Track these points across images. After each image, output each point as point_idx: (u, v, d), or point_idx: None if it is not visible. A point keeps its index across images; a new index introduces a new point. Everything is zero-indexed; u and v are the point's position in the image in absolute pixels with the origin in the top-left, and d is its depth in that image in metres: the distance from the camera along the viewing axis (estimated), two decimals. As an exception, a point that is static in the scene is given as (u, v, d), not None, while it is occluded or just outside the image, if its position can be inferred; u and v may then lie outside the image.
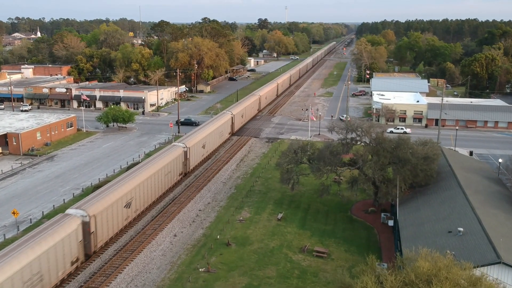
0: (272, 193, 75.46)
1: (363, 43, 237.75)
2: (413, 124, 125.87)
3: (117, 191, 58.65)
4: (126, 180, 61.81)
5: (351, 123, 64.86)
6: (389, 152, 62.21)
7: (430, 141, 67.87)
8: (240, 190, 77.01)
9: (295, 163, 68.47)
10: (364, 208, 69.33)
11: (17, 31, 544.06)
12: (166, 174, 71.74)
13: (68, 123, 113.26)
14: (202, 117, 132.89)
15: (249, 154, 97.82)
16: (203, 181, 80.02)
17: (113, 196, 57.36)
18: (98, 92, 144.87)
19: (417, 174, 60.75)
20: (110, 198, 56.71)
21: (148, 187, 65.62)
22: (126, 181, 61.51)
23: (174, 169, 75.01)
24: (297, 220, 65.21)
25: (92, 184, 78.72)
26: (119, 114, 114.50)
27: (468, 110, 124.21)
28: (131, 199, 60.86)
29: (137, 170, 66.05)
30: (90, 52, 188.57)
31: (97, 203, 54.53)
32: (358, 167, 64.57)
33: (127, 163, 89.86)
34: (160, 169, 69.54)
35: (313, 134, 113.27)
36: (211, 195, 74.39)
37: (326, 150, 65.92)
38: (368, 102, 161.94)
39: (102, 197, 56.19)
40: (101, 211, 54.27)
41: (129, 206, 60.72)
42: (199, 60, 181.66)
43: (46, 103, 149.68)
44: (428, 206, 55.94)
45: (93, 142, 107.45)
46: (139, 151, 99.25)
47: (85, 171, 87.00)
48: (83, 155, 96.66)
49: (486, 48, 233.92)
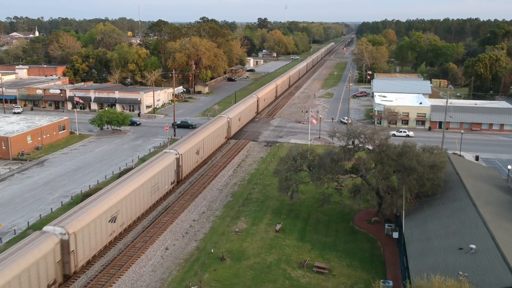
0: (270, 201, 71.95)
1: (364, 43, 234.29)
2: (416, 127, 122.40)
3: (100, 204, 54.36)
4: (111, 192, 57.48)
5: (354, 129, 61.34)
6: (393, 160, 58.72)
7: (436, 147, 64.40)
8: (237, 198, 73.51)
9: (294, 171, 64.99)
10: (367, 217, 65.84)
11: (15, 31, 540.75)
12: (154, 185, 66.92)
13: (60, 126, 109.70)
14: (199, 119, 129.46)
15: (247, 159, 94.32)
16: (198, 188, 76.52)
17: (96, 211, 53.11)
18: (93, 93, 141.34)
19: (424, 184, 57.29)
20: (92, 213, 52.43)
21: (135, 199, 61.28)
22: (111, 194, 57.18)
23: (164, 179, 70.63)
24: (297, 231, 61.71)
25: (82, 191, 75.25)
26: (113, 117, 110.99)
27: (472, 112, 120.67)
28: (116, 212, 56.55)
29: (123, 181, 61.61)
30: (85, 52, 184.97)
31: (77, 218, 50.17)
32: (361, 175, 61.11)
33: (120, 169, 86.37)
34: (149, 179, 65.01)
35: (313, 137, 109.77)
36: (206, 204, 70.90)
37: (327, 157, 62.44)
38: (369, 104, 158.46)
39: (84, 211, 51.88)
40: (82, 228, 49.91)
41: (115, 221, 56.34)
42: (197, 61, 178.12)
43: (40, 105, 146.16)
44: (436, 218, 52.46)
45: (86, 145, 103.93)
46: (133, 155, 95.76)
47: (76, 177, 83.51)
48: (74, 160, 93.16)
49: (488, 48, 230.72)
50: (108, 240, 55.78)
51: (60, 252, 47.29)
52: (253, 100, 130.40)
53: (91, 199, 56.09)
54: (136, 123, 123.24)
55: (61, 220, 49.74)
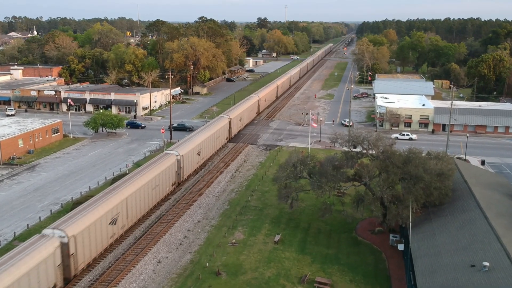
0: (269, 209, 68.82)
1: (364, 43, 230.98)
2: (419, 129, 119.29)
3: (101, 206, 53.27)
4: (112, 194, 56.22)
5: (357, 135, 58.18)
6: (398, 167, 55.61)
7: (443, 154, 61.31)
8: (234, 206, 70.38)
9: (294, 178, 61.85)
10: (371, 227, 62.77)
11: (14, 30, 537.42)
12: (155, 186, 66.07)
13: (53, 128, 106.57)
14: (196, 122, 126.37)
15: (245, 164, 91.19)
16: (194, 195, 73.39)
17: (97, 213, 52.08)
18: (88, 95, 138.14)
19: (431, 193, 54.17)
20: (93, 215, 51.46)
21: (136, 200, 60.27)
22: (112, 195, 55.94)
23: (165, 180, 69.60)
24: (296, 242, 58.60)
25: (73, 198, 72.13)
26: (107, 119, 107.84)
27: (477, 114, 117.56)
28: (117, 214, 55.54)
29: (124, 182, 60.19)
30: (82, 52, 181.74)
31: (77, 221, 49.33)
32: (364, 183, 58.00)
33: (113, 174, 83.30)
34: (150, 180, 64.14)
35: (314, 140, 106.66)
36: (202, 212, 67.77)
37: (328, 163, 59.35)
38: (370, 105, 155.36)
39: (84, 214, 50.82)
40: (82, 231, 49.18)
41: (115, 223, 55.27)
42: (195, 61, 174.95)
43: (34, 106, 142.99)
44: (445, 231, 49.35)
45: (79, 149, 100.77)
46: (127, 159, 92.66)
47: (67, 183, 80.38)
48: (67, 165, 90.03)
49: (491, 48, 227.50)
50: (109, 242, 54.82)
51: (60, 256, 46.42)
52: (254, 100, 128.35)
53: (91, 201, 54.59)
54: (141, 126, 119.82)
55: (60, 223, 48.50)
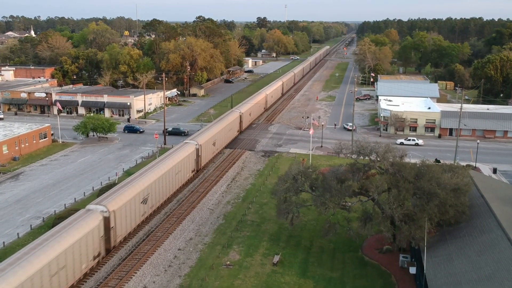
0: (267, 224, 63.53)
1: (366, 43, 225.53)
2: (425, 134, 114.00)
3: (134, 187, 59.44)
4: (142, 177, 62.48)
5: (364, 146, 52.85)
6: (410, 182, 50.31)
7: (457, 166, 56.07)
8: (230, 220, 65.08)
9: (295, 192, 56.52)
10: (378, 245, 57.54)
11: (11, 30, 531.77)
12: (177, 172, 72.19)
13: (41, 133, 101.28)
14: (193, 125, 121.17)
15: (242, 172, 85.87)
16: (186, 207, 68.11)
17: (132, 192, 58.29)
18: (80, 97, 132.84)
19: (446, 211, 48.87)
20: (128, 194, 57.61)
21: (162, 183, 66.59)
22: (142, 178, 62.21)
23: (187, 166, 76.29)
24: (297, 264, 53.32)
25: (56, 212, 66.86)
26: (98, 124, 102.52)
27: (486, 118, 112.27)
28: (147, 195, 61.89)
29: (151, 167, 66.63)
30: (75, 53, 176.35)
31: (116, 198, 55.55)
32: (372, 198, 52.70)
33: (101, 184, 78.06)
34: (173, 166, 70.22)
35: (315, 146, 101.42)
36: (194, 228, 62.46)
37: (332, 177, 54.04)
38: (373, 108, 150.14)
39: (121, 192, 57.00)
40: (120, 207, 55.23)
41: (146, 202, 61.75)
42: (192, 62, 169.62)
43: (24, 109, 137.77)
44: (463, 255, 44.08)
45: (68, 155, 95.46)
46: (118, 167, 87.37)
47: (52, 193, 75.14)
48: (53, 173, 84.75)
49: (495, 48, 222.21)
50: (141, 219, 61.01)
51: (103, 228, 52.20)
52: (262, 96, 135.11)
53: (126, 181, 61.29)
54: (140, 130, 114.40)
55: (102, 199, 55.04)
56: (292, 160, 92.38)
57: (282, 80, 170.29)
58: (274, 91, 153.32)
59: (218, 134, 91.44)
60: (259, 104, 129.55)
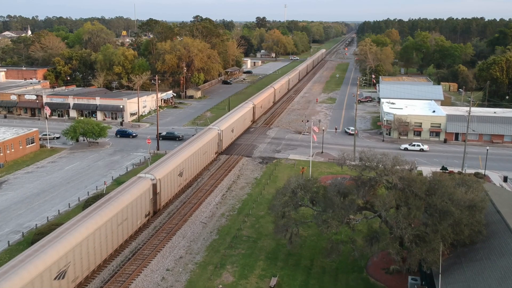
0: (264, 240, 58.81)
1: (367, 44, 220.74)
2: (429, 139, 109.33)
3: (174, 160, 70.24)
4: (179, 153, 73.62)
5: (369, 158, 48.08)
6: (421, 198, 45.62)
7: (471, 178, 51.39)
8: (224, 235, 60.36)
9: (294, 207, 51.84)
10: (385, 264, 52.85)
11: (9, 30, 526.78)
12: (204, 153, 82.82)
13: (28, 138, 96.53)
14: (188, 129, 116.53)
15: (239, 180, 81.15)
16: (177, 221, 63.39)
17: (172, 165, 68.61)
18: (72, 99, 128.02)
19: (461, 231, 44.21)
20: (170, 166, 67.93)
21: (193, 161, 76.60)
22: (179, 154, 73.19)
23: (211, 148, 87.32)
24: (297, 287, 48.61)
25: (37, 226, 62.16)
26: (88, 128, 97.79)
27: (493, 122, 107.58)
28: (183, 169, 71.93)
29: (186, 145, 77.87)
30: (69, 53, 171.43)
31: (161, 169, 65.67)
32: (379, 215, 47.97)
33: (88, 194, 73.34)
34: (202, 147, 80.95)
35: (316, 152, 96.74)
36: (185, 244, 57.74)
37: (334, 191, 49.30)
38: (375, 110, 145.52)
39: (164, 165, 67.38)
40: (164, 176, 65.21)
41: (182, 175, 71.73)
42: (188, 63, 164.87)
43: (14, 112, 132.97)
44: (482, 283, 39.40)
45: (55, 162, 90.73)
46: (107, 175, 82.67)
47: (35, 204, 70.46)
48: (38, 181, 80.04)
49: (499, 49, 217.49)
50: (177, 190, 71.26)
51: (152, 192, 62.09)
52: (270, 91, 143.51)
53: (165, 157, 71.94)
54: (132, 134, 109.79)
55: (150, 169, 65.25)
56: (291, 167, 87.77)
57: (288, 78, 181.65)
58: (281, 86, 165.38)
59: (236, 122, 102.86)
60: (268, 99, 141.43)
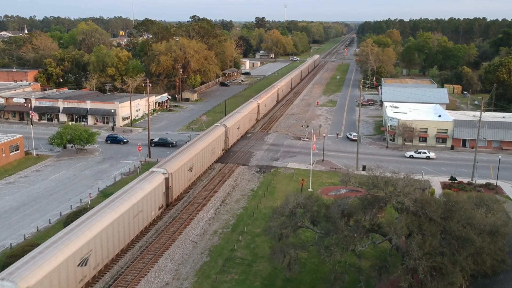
0: (259, 263, 53.42)
1: (369, 44, 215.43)
2: (436, 145, 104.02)
3: (185, 156, 72.31)
4: (190, 148, 76.04)
5: (377, 179, 42.65)
6: (436, 223, 40.28)
7: (491, 197, 46.05)
8: (215, 257, 54.95)
9: (293, 229, 46.49)
10: (393, 292, 47.46)
11: (5, 30, 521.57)
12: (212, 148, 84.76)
13: (11, 146, 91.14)
14: (182, 134, 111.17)
15: (234, 192, 75.75)
16: (165, 240, 58.02)
17: (183, 160, 70.97)
18: (62, 103, 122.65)
19: (483, 261, 38.87)
20: (181, 161, 70.33)
21: (202, 157, 78.82)
22: (190, 149, 75.47)
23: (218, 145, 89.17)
24: (295, 321, 43.30)
25: (12, 245, 56.80)
26: (75, 134, 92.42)
27: (503, 128, 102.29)
28: (193, 164, 74.35)
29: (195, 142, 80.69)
30: (61, 54, 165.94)
31: (172, 164, 68.14)
32: (389, 239, 42.58)
33: (71, 208, 67.98)
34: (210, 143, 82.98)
35: (316, 160, 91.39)
36: (172, 268, 52.35)
37: (337, 211, 43.91)
38: (377, 114, 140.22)
39: (176, 159, 70.04)
40: (176, 170, 67.56)
41: (192, 170, 74.20)
42: (184, 64, 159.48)
43: (2, 116, 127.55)
44: (510, 325, 34.07)
45: (40, 171, 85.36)
46: (93, 186, 77.29)
47: (13, 219, 65.09)
48: (19, 193, 74.63)
49: (503, 50, 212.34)
50: (188, 184, 73.72)
51: (164, 185, 64.31)
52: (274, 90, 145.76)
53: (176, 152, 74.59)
54: (123, 140, 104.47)
55: (162, 164, 68.04)
56: (291, 177, 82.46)
57: (291, 76, 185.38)
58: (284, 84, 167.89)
59: (242, 119, 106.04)
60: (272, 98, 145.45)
